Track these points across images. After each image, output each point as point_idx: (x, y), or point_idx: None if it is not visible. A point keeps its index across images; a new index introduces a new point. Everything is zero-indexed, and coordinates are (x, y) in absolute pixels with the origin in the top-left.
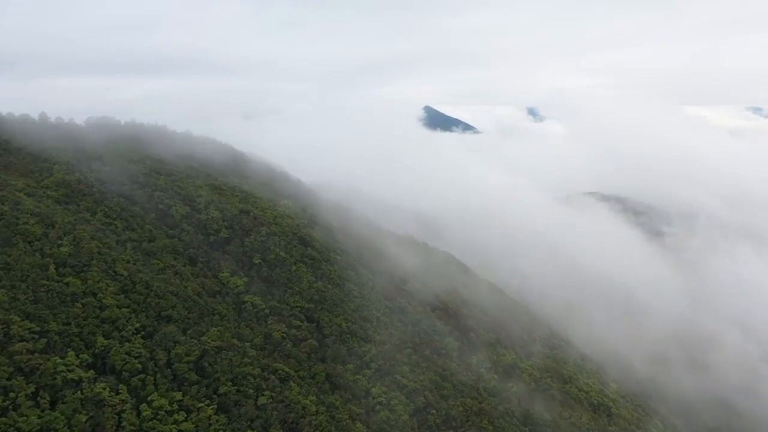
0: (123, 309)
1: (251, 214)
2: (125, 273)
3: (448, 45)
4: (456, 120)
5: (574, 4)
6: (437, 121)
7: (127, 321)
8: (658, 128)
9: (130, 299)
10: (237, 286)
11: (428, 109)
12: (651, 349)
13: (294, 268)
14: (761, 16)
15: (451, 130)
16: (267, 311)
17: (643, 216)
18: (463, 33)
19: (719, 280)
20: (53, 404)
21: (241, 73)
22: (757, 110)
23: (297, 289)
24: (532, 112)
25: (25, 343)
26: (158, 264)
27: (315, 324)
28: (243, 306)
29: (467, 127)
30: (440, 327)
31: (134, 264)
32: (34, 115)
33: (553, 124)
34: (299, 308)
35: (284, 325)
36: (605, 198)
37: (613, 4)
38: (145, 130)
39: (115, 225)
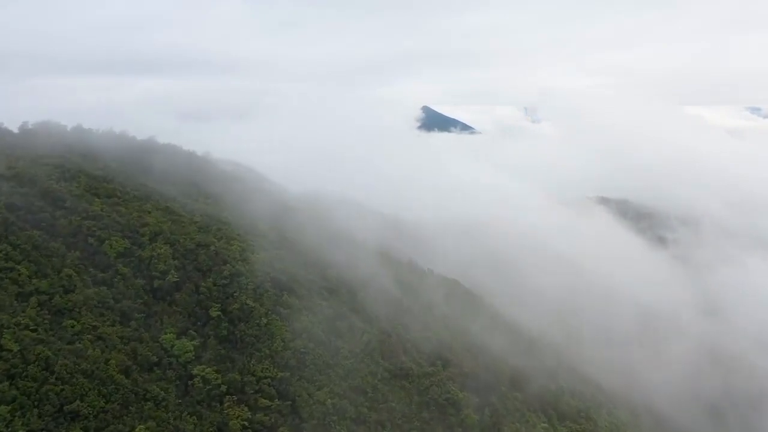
0: (3, 406)
1: (212, 248)
2: (15, 347)
3: (448, 45)
4: (454, 120)
5: (574, 4)
6: (435, 121)
7: (6, 426)
8: (658, 128)
9: (17, 389)
10: (185, 353)
11: (426, 110)
12: (678, 381)
13: (265, 321)
14: (761, 16)
15: (449, 131)
16: (224, 388)
17: (646, 221)
18: (463, 33)
19: (729, 289)
20: None
21: (241, 73)
22: (756, 110)
23: (267, 351)
24: (530, 113)
25: None
26: (73, 327)
27: (290, 402)
28: (191, 383)
29: (465, 128)
30: (454, 392)
31: (34, 331)
32: (32, 117)
33: (552, 124)
34: (269, 379)
35: (246, 408)
36: (605, 201)
37: (613, 4)
38: (95, 137)
39: (18, 271)
